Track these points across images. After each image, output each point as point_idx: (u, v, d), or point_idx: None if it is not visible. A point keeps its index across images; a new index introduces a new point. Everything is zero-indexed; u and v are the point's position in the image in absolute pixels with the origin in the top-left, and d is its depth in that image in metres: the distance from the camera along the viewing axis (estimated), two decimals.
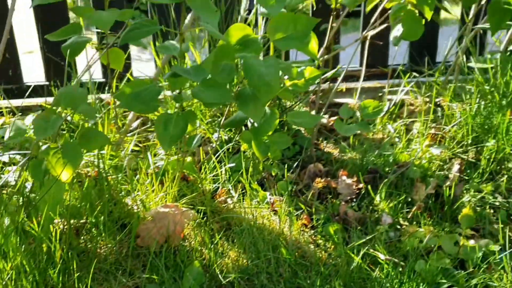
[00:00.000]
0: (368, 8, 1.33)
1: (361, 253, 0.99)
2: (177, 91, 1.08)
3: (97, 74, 1.81)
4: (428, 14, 1.21)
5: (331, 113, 1.75)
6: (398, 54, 1.87)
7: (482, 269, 0.98)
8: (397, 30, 1.42)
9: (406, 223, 1.14)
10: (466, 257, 1.01)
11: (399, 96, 1.67)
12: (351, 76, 1.92)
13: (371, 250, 1.02)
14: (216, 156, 1.31)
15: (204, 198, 1.20)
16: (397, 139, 1.48)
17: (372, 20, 1.53)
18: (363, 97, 1.80)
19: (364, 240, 1.05)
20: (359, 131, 1.36)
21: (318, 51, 1.43)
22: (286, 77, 1.21)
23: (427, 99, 1.66)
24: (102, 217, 1.06)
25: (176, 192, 1.19)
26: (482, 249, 1.01)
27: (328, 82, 1.78)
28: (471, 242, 1.02)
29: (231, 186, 1.26)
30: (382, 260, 0.99)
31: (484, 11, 1.72)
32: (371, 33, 1.60)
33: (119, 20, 1.04)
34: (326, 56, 1.56)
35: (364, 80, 1.87)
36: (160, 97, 1.33)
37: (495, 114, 1.35)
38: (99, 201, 1.09)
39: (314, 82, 1.22)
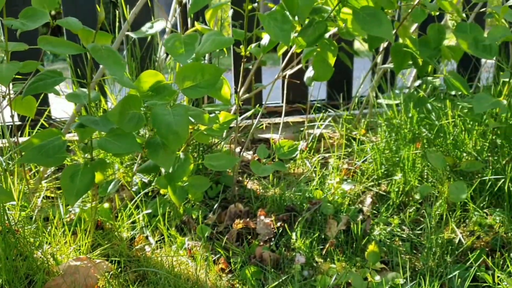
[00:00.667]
0: (279, 54, 1.39)
1: None
2: (86, 141, 1.06)
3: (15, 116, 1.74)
4: (331, 60, 1.28)
5: (255, 149, 1.79)
6: (318, 90, 1.95)
7: None
8: (310, 71, 1.50)
9: (321, 260, 1.17)
10: None
11: (317, 132, 1.73)
12: (275, 112, 1.99)
13: None
14: (133, 201, 1.29)
15: (121, 247, 1.18)
16: (314, 174, 1.53)
17: (287, 59, 1.60)
18: (284, 132, 1.86)
19: (278, 281, 1.07)
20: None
21: (240, 90, 1.47)
22: None
23: (343, 133, 1.74)
24: (6, 276, 1.01)
25: (91, 243, 1.16)
26: (389, 283, 1.06)
27: (251, 119, 1.83)
28: (377, 278, 1.06)
29: (149, 232, 1.25)
30: None
31: None
32: (289, 72, 1.67)
33: (21, 72, 1.02)
34: (246, 95, 1.61)
35: (286, 115, 1.94)
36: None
37: (402, 148, 1.44)
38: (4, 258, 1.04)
39: (229, 125, 1.25)
